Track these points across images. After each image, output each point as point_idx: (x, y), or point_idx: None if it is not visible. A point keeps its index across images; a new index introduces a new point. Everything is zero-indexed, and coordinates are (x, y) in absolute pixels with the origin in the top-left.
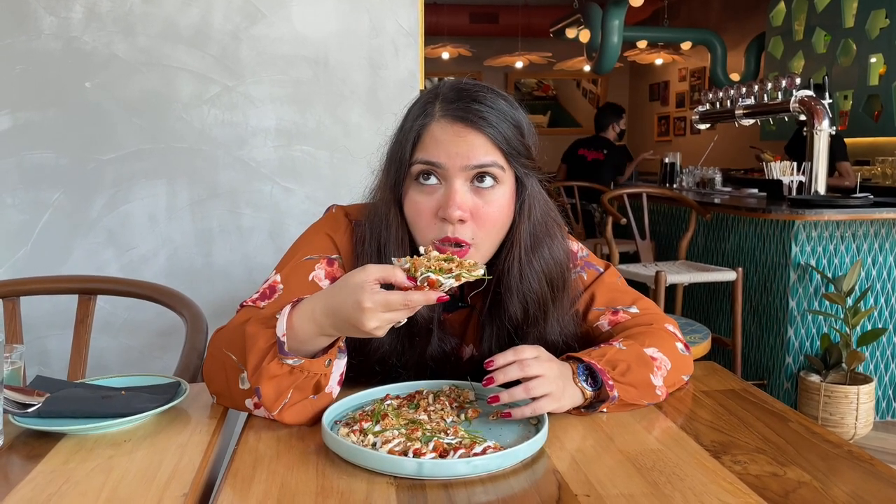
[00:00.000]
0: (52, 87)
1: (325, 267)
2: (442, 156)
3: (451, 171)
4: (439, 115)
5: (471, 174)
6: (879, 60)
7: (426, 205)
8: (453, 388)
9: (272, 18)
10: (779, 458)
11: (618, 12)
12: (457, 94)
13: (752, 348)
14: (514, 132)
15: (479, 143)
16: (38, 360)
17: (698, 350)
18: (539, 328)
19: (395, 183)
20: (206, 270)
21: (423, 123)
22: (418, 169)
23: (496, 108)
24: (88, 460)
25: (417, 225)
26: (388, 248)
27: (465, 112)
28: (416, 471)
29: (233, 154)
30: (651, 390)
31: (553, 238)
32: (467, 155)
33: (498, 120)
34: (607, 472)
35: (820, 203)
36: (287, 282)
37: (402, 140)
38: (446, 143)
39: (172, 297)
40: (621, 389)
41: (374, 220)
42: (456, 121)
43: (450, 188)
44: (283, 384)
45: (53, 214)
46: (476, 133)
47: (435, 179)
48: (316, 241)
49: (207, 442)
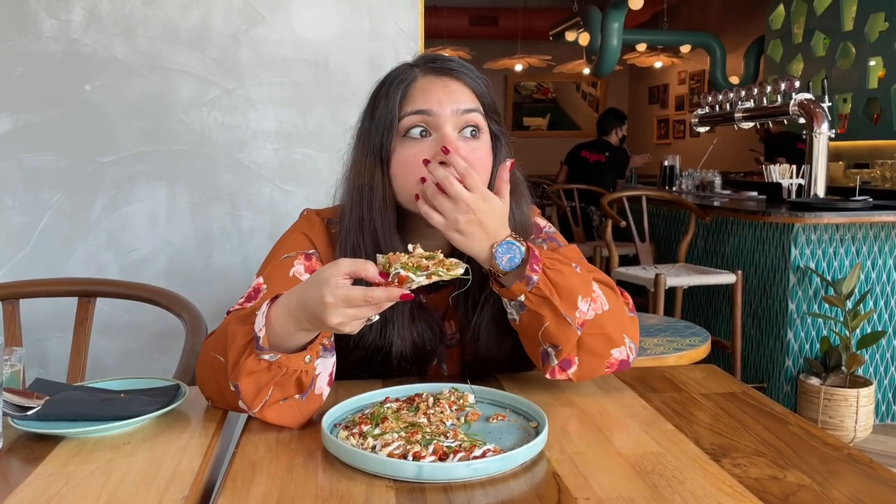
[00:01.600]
0: (53, 90)
1: (303, 262)
2: (433, 102)
3: (442, 117)
4: (421, 74)
5: (459, 122)
6: (879, 63)
7: (419, 156)
8: (453, 391)
9: (272, 21)
10: (778, 462)
11: (617, 15)
12: (432, 58)
13: (752, 351)
14: (488, 91)
15: (464, 91)
16: (38, 362)
17: (698, 353)
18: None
19: (380, 145)
20: (205, 273)
21: (407, 81)
22: (409, 122)
23: (470, 69)
24: (88, 463)
25: (411, 175)
26: (372, 215)
27: (446, 67)
28: (415, 474)
29: (233, 156)
30: (572, 308)
31: (522, 196)
32: (456, 100)
33: (475, 76)
34: (607, 475)
35: (819, 206)
36: (269, 280)
37: (386, 103)
38: (435, 90)
39: (171, 300)
40: (542, 280)
41: (356, 190)
42: (441, 73)
43: (443, 135)
44: (261, 380)
45: (53, 216)
46: (460, 82)
47: (425, 133)
48: (291, 240)
49: (207, 444)
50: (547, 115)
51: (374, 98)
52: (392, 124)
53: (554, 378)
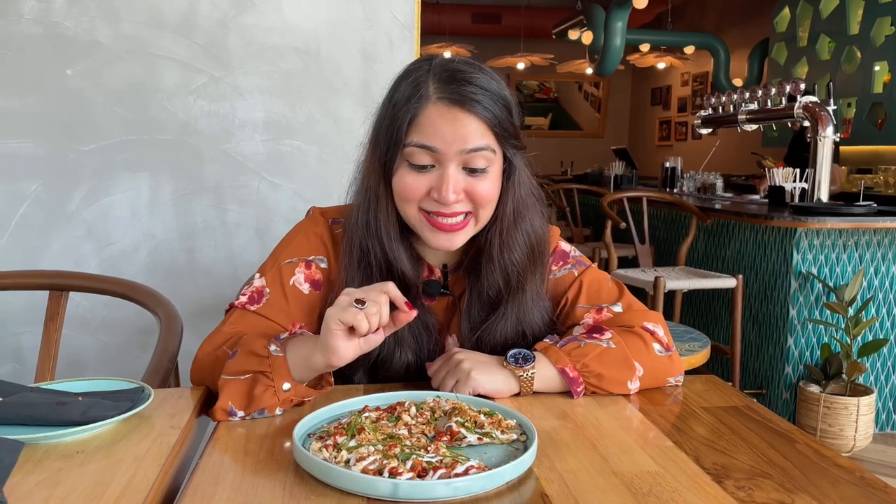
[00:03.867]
0: (32, 74)
1: (303, 270)
2: (438, 140)
3: (447, 155)
4: (434, 97)
5: (464, 159)
6: (884, 68)
7: (418, 185)
8: (436, 401)
9: (262, 6)
10: (786, 484)
11: (621, 14)
12: (450, 76)
13: (752, 357)
14: (505, 114)
15: (474, 126)
16: (13, 356)
17: (697, 358)
18: (518, 300)
19: (385, 162)
20: (188, 268)
21: (417, 106)
22: (413, 152)
23: (489, 91)
24: (34, 473)
25: (408, 202)
26: (378, 222)
27: (460, 96)
28: (391, 492)
29: (219, 147)
30: (623, 388)
31: (535, 211)
32: (463, 139)
33: (491, 102)
34: (600, 497)
35: (822, 211)
36: (271, 285)
37: (395, 119)
38: (442, 127)
39: (146, 296)
40: (588, 388)
41: (365, 192)
42: (452, 105)
43: (444, 173)
44: (250, 363)
45: (31, 206)
46: (471, 117)
47: (429, 166)
48: (294, 243)
49: (167, 455)
50: (548, 114)
51: (388, 101)
52: (398, 143)
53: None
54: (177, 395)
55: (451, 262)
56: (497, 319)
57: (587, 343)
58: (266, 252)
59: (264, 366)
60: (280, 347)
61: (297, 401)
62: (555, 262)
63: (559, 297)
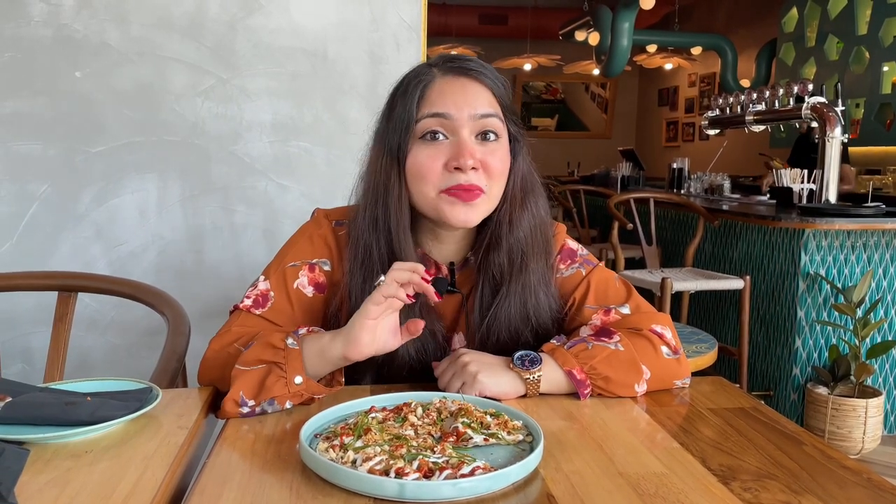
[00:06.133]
0: (41, 76)
1: (307, 273)
2: (450, 106)
3: (459, 121)
4: (440, 73)
5: (476, 127)
6: (892, 69)
7: (435, 159)
8: (443, 401)
9: (269, 9)
10: (792, 486)
11: (628, 15)
12: (451, 58)
13: (759, 358)
14: (506, 91)
15: (482, 93)
16: (22, 357)
17: (704, 360)
18: (522, 281)
19: (398, 146)
20: (196, 268)
21: (426, 82)
22: (426, 125)
23: (489, 69)
24: (44, 473)
25: (425, 178)
26: (387, 216)
27: (465, 68)
28: (397, 493)
29: (226, 148)
30: (630, 391)
31: (539, 192)
32: (473, 104)
33: (493, 77)
34: (606, 498)
35: (831, 211)
36: (275, 288)
37: (404, 104)
38: (452, 93)
39: (154, 296)
40: (595, 390)
41: (372, 190)
42: (459, 74)
43: (460, 139)
44: (266, 353)
45: (40, 207)
46: (479, 84)
47: (442, 136)
48: (298, 245)
49: (175, 455)
50: (555, 115)
51: (391, 98)
52: (409, 125)
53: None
54: (185, 396)
55: (457, 259)
56: (501, 301)
57: (595, 345)
58: (273, 253)
59: (279, 357)
60: (297, 341)
61: (307, 396)
62: (562, 261)
63: (567, 296)
